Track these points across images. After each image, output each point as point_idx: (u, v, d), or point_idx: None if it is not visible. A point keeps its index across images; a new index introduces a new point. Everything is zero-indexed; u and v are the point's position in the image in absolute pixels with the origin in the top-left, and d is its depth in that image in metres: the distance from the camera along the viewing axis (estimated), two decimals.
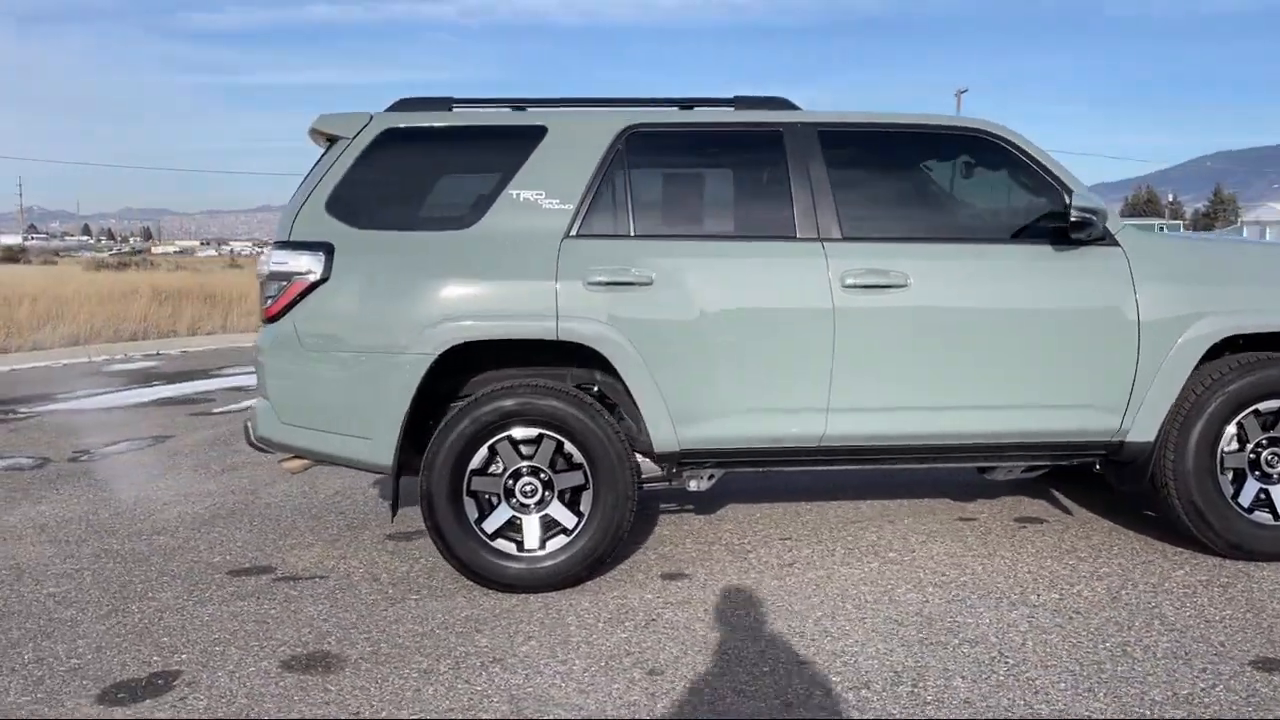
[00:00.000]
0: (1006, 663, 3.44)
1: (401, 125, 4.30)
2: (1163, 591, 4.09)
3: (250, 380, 11.27)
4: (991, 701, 3.16)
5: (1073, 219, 4.12)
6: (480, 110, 4.44)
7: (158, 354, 14.76)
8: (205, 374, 12.17)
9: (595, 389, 4.36)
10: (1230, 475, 4.38)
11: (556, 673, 3.43)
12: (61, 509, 5.71)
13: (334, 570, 4.54)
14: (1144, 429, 4.32)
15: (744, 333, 4.16)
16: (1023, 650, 3.54)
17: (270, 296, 4.17)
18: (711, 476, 4.46)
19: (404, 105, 4.40)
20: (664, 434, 4.18)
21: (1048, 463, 4.54)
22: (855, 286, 4.17)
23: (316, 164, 4.34)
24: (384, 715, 3.15)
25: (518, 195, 4.21)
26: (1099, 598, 4.04)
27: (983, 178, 4.54)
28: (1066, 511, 5.30)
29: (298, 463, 4.47)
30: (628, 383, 4.12)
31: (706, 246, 4.23)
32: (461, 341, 4.06)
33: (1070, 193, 4.29)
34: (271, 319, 4.16)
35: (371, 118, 4.32)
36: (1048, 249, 4.28)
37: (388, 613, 4.01)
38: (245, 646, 3.70)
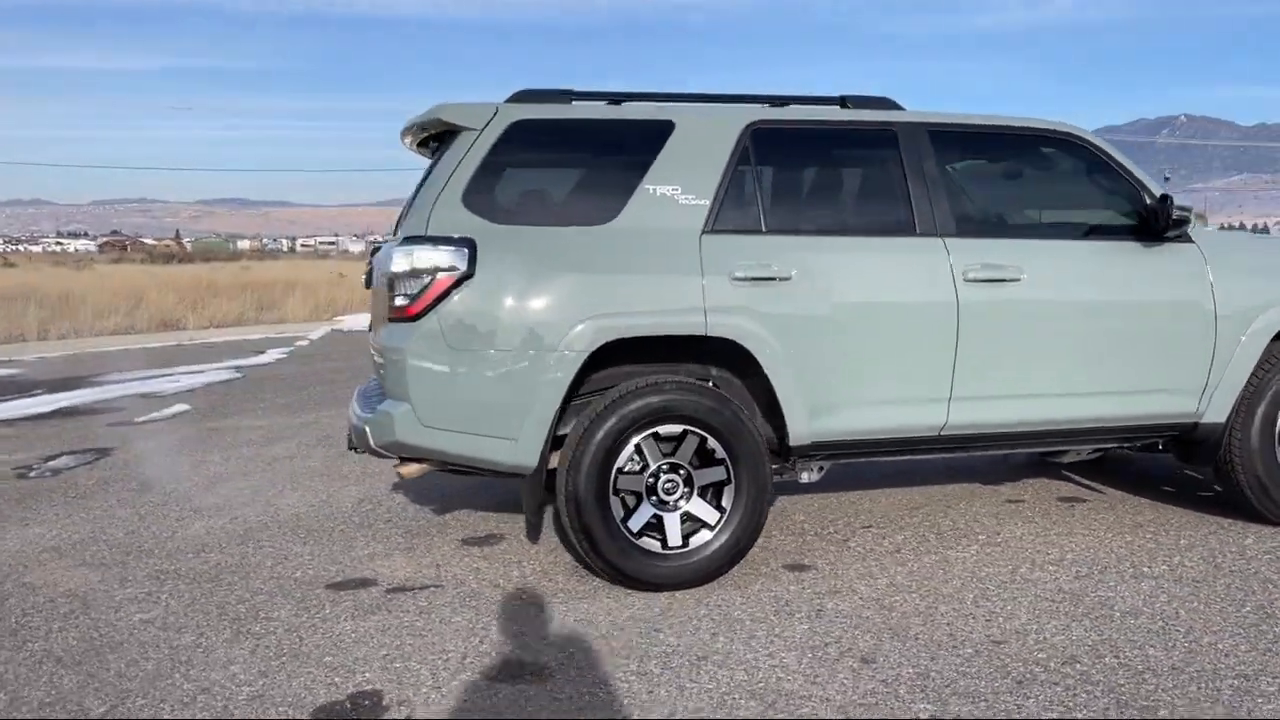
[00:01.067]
0: (1178, 631, 3.66)
1: (530, 118, 4.17)
2: (1252, 558, 4.45)
3: (158, 386, 10.57)
4: (1195, 667, 3.36)
5: (1174, 217, 4.43)
6: (600, 104, 4.36)
7: (10, 360, 13.53)
8: (90, 381, 11.26)
9: (710, 384, 4.35)
10: None
11: (773, 667, 3.42)
12: (61, 530, 5.20)
13: (442, 579, 4.34)
14: (1218, 411, 4.68)
15: (876, 327, 4.26)
16: (1180, 618, 3.78)
17: (408, 294, 3.96)
18: (820, 469, 4.53)
19: (523, 97, 4.27)
20: (800, 427, 4.23)
21: (1124, 444, 4.86)
22: (975, 280, 4.34)
23: (442, 156, 4.16)
24: (639, 717, 3.07)
25: (654, 190, 4.16)
26: (1203, 567, 4.34)
27: (1068, 177, 4.80)
28: (1097, 490, 5.66)
29: (415, 467, 4.25)
30: (771, 377, 4.14)
31: (839, 243, 4.30)
32: (614, 339, 3.98)
33: (1148, 191, 4.61)
34: (412, 317, 3.95)
35: (497, 109, 4.17)
36: (1137, 245, 4.58)
37: (544, 618, 3.88)
38: (426, 660, 3.50)
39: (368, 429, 4.09)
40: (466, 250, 3.92)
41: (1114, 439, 4.77)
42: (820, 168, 4.62)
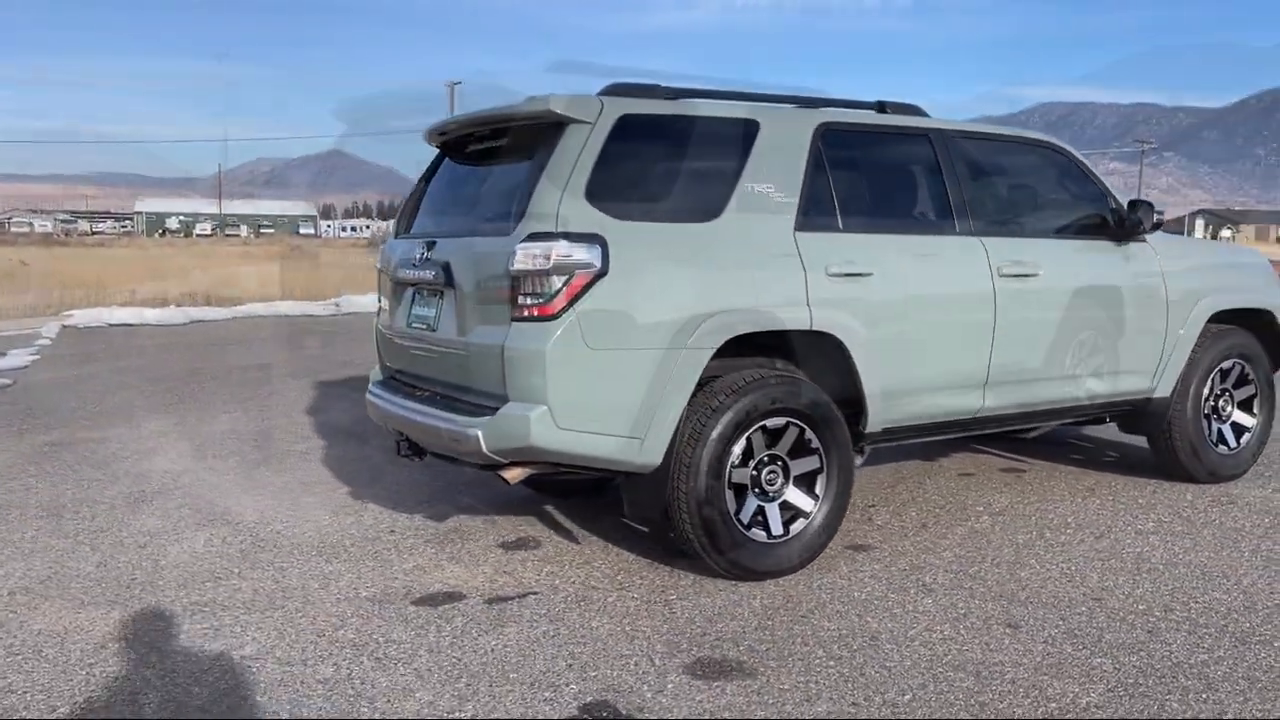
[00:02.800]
0: (1218, 575, 4.27)
1: (636, 112, 4.13)
2: (1207, 509, 5.21)
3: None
4: (1261, 605, 3.97)
5: (1157, 219, 5.10)
6: (695, 101, 4.39)
7: None
8: None
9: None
10: (1206, 419, 5.65)
11: (943, 639, 3.64)
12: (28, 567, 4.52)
13: (529, 585, 4.20)
14: (1165, 387, 5.44)
15: (937, 320, 4.60)
16: (1211, 565, 4.39)
17: (540, 292, 3.82)
18: (863, 452, 4.81)
19: (617, 91, 4.21)
20: (877, 415, 4.48)
21: (1096, 418, 5.52)
22: (1008, 275, 4.78)
23: (554, 148, 4.01)
24: (879, 698, 3.21)
25: (753, 188, 4.25)
26: (1179, 522, 5.04)
27: (1055, 182, 5.36)
28: (1019, 460, 6.34)
29: (518, 471, 4.10)
30: (860, 368, 4.35)
31: (903, 241, 4.59)
32: (738, 334, 4.05)
33: (1113, 197, 5.27)
34: (547, 316, 3.81)
35: (603, 103, 4.09)
36: (1110, 244, 5.22)
37: (685, 615, 3.87)
38: (617, 665, 3.42)
39: (480, 434, 3.89)
40: (599, 247, 3.84)
41: (1092, 414, 5.42)
42: (876, 169, 4.87)
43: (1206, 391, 5.61)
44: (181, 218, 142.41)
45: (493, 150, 4.42)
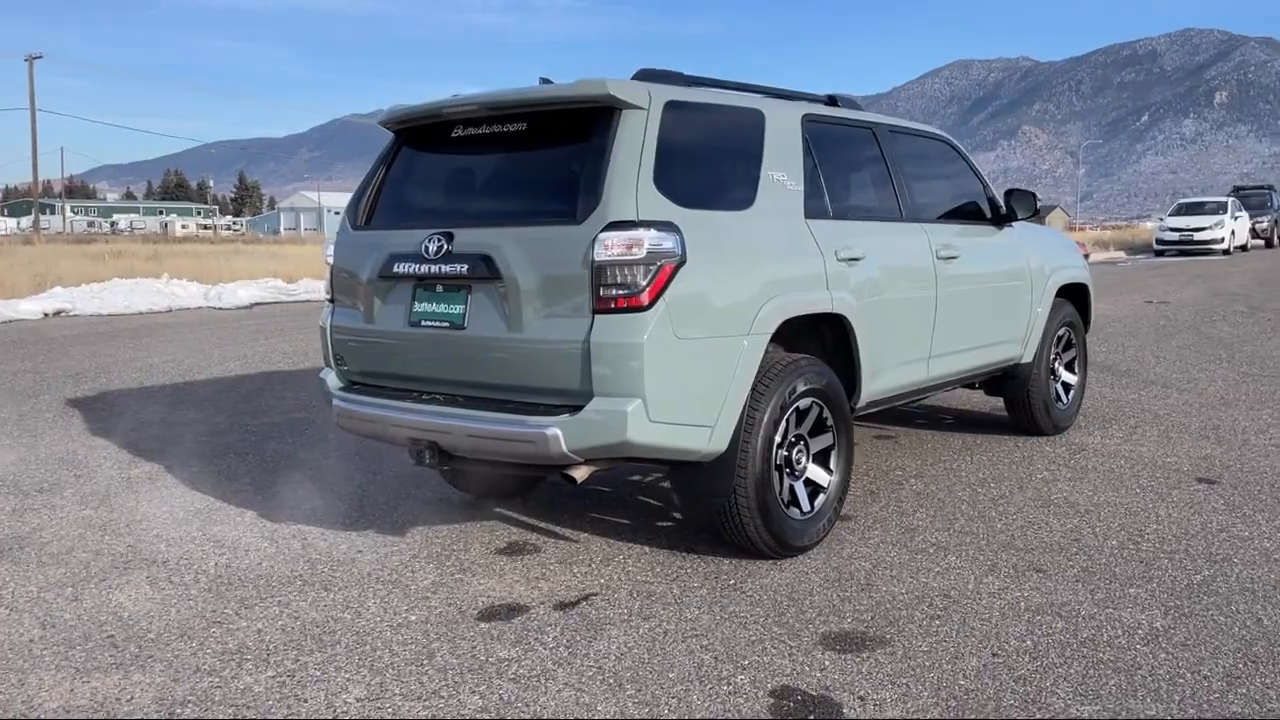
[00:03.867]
0: (1156, 515, 4.96)
1: (677, 99, 4.08)
2: (1072, 457, 6.01)
3: None
4: (1205, 528, 4.70)
5: (1037, 208, 5.76)
6: (718, 90, 4.40)
7: None
8: None
9: None
10: (1050, 379, 6.49)
11: (1004, 588, 4.01)
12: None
13: (582, 588, 4.07)
14: (1029, 354, 6.18)
15: (905, 297, 4.95)
16: (1138, 507, 5.09)
17: (629, 283, 3.70)
18: None
19: (647, 76, 4.14)
20: (864, 391, 4.76)
21: (979, 383, 6.16)
22: (943, 258, 5.24)
23: (613, 134, 3.86)
24: (1009, 647, 3.50)
25: (773, 176, 4.35)
26: (1069, 471, 5.79)
27: (950, 174, 5.88)
28: (882, 426, 6.92)
29: (586, 470, 3.95)
30: (860, 347, 4.60)
31: (877, 227, 4.89)
32: (789, 318, 4.15)
33: (989, 186, 5.91)
34: (639, 308, 3.69)
35: (649, 90, 4.01)
36: (993, 229, 5.85)
37: (771, 599, 3.93)
38: (769, 652, 3.45)
39: (560, 433, 3.72)
40: (678, 235, 3.79)
41: (977, 380, 6.04)
42: (844, 159, 5.10)
43: (1050, 356, 6.44)
44: None
45: (515, 135, 4.17)
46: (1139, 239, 43.07)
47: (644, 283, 3.71)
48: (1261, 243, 36.37)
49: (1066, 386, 6.69)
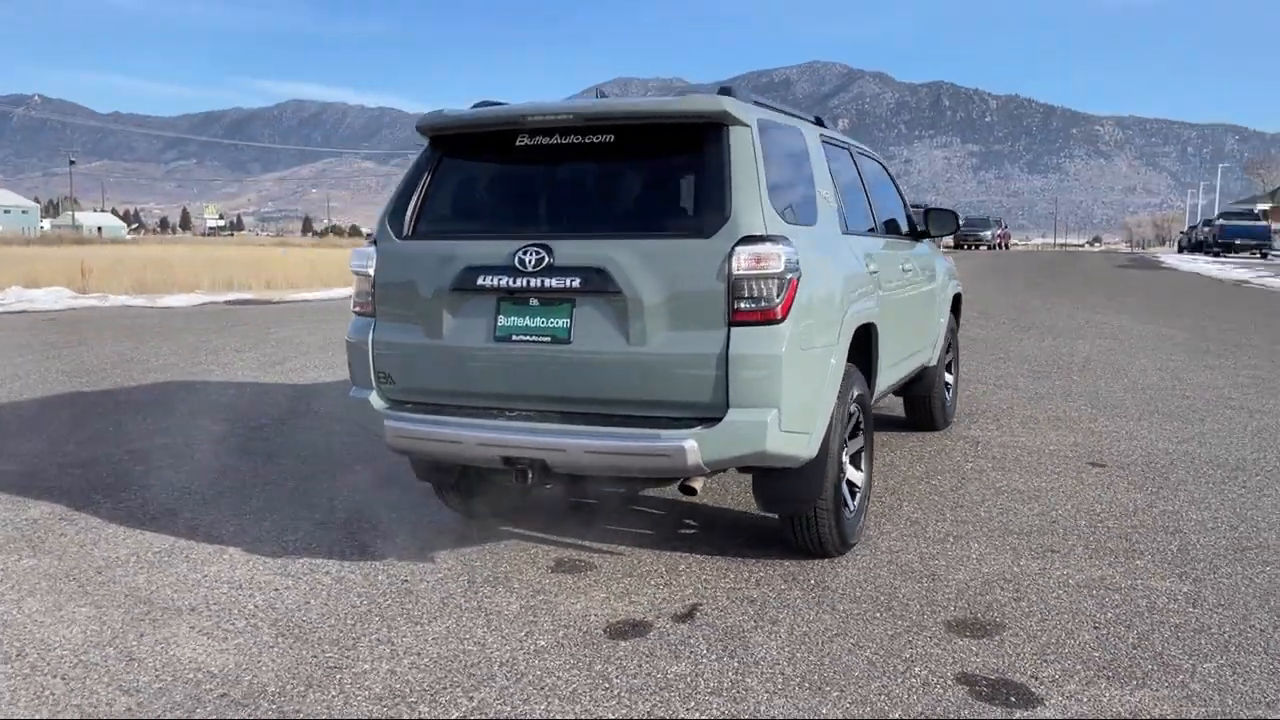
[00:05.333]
0: (1121, 486, 5.66)
1: (765, 118, 4.18)
2: (976, 446, 6.65)
3: None
4: (1160, 505, 5.41)
5: (957, 225, 6.30)
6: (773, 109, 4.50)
7: None
8: None
9: None
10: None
11: (1048, 568, 4.45)
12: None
13: (680, 599, 4.08)
14: (935, 357, 6.76)
15: (897, 309, 5.31)
16: (1094, 482, 5.77)
17: (765, 297, 3.78)
18: None
19: (726, 93, 4.19)
20: (875, 394, 5.06)
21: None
22: (907, 270, 5.67)
23: (727, 149, 3.89)
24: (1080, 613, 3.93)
25: (821, 193, 4.55)
26: (991, 451, 6.40)
27: (878, 188, 6.25)
28: None
29: (702, 480, 3.95)
30: (879, 354, 4.89)
31: (873, 241, 5.22)
32: (860, 325, 4.38)
33: (906, 202, 6.43)
34: (774, 320, 3.77)
35: (747, 107, 4.08)
36: (913, 242, 6.35)
37: (869, 595, 4.13)
38: (912, 641, 3.67)
39: (696, 445, 3.72)
40: (796, 250, 3.91)
41: (912, 380, 6.50)
42: (844, 178, 5.26)
43: (945, 358, 7.08)
44: None
45: (604, 146, 4.09)
46: None
47: (778, 296, 3.81)
48: None
49: (947, 385, 7.37)
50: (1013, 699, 3.28)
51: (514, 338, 4.03)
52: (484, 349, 4.08)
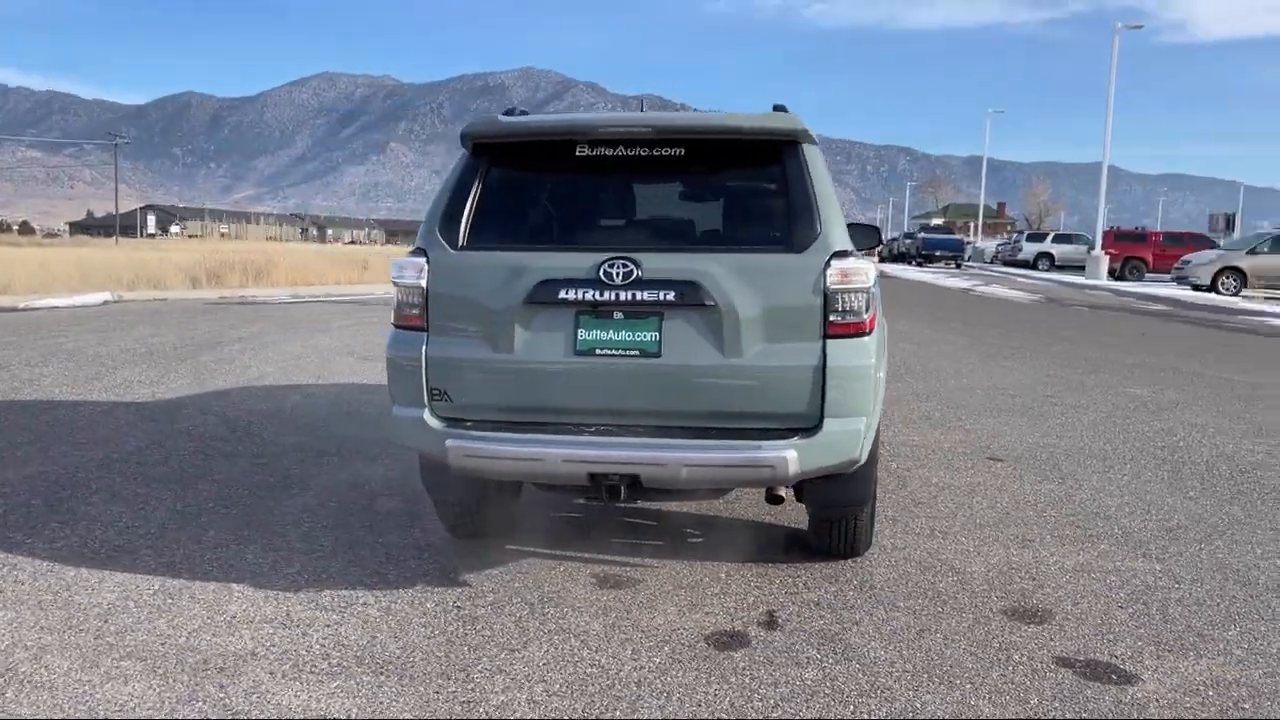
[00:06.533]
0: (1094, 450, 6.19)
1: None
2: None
3: None
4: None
5: (880, 240, 6.65)
6: None
7: None
8: None
9: None
10: None
11: (1086, 548, 4.87)
12: None
13: (755, 605, 4.15)
14: None
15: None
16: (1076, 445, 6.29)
17: (857, 310, 3.94)
18: None
19: (782, 109, 4.29)
20: None
21: None
22: None
23: (804, 165, 4.00)
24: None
25: (839, 206, 4.72)
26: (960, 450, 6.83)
27: None
28: None
29: (784, 491, 4.02)
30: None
31: None
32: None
33: None
34: (865, 331, 3.94)
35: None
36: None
37: (921, 591, 4.37)
38: (989, 630, 3.92)
39: (796, 455, 3.81)
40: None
41: None
42: None
43: None
44: None
45: (674, 159, 4.07)
46: None
47: (866, 311, 3.96)
48: None
49: None
50: (1114, 676, 3.60)
51: (597, 351, 3.95)
52: (563, 363, 3.98)
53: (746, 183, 4.25)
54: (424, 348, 4.09)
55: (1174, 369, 11.97)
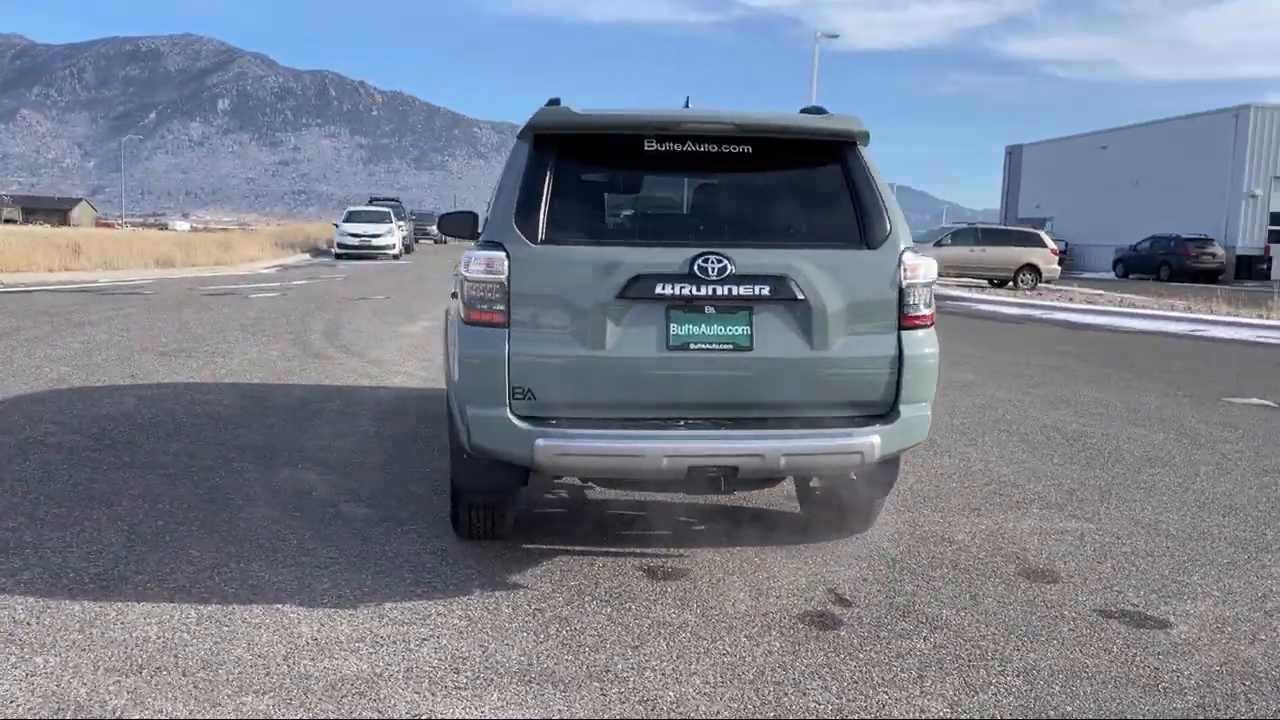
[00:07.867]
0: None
1: None
2: None
3: None
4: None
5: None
6: None
7: None
8: None
9: None
10: None
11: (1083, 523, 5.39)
12: None
13: (820, 586, 4.35)
14: None
15: None
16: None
17: (925, 302, 4.24)
18: None
19: (820, 110, 4.46)
20: None
21: None
22: None
23: (866, 166, 4.22)
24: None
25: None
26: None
27: None
28: None
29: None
30: None
31: None
32: None
33: None
34: (931, 323, 4.23)
35: None
36: None
37: (936, 565, 4.70)
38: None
39: (880, 440, 4.03)
40: None
41: None
42: None
43: None
44: None
45: (745, 157, 4.15)
46: (313, 241, 43.24)
47: (929, 303, 4.25)
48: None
49: None
50: (1151, 621, 4.12)
51: (691, 346, 3.99)
52: (656, 359, 3.98)
53: (815, 180, 4.39)
54: (506, 345, 3.96)
55: None
